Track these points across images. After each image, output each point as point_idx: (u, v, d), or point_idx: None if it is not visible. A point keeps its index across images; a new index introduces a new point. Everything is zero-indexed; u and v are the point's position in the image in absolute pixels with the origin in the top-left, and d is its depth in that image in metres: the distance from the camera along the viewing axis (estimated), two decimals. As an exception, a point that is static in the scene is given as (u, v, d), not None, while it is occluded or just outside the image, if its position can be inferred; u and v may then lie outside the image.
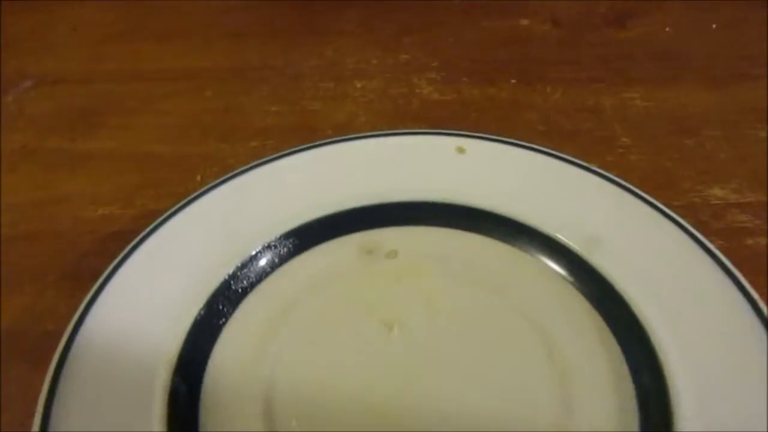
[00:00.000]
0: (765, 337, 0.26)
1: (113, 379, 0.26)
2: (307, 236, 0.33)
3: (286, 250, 0.33)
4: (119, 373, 0.27)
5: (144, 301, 0.29)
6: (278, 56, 0.51)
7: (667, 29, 0.53)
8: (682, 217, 0.32)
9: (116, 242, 0.33)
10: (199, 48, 0.53)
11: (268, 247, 0.32)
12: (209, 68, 0.50)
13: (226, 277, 0.31)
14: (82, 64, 0.52)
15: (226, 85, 0.48)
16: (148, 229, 0.32)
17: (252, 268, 0.32)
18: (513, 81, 0.47)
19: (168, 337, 0.28)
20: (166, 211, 0.33)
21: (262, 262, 0.32)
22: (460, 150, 0.36)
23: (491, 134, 0.37)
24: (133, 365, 0.27)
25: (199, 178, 0.40)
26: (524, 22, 0.54)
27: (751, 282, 0.29)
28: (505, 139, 0.36)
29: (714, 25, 0.53)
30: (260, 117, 0.45)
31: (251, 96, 0.47)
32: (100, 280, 0.29)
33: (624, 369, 0.28)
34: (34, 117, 0.47)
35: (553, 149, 0.36)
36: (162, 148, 0.43)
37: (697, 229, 0.32)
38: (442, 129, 0.37)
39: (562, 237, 0.32)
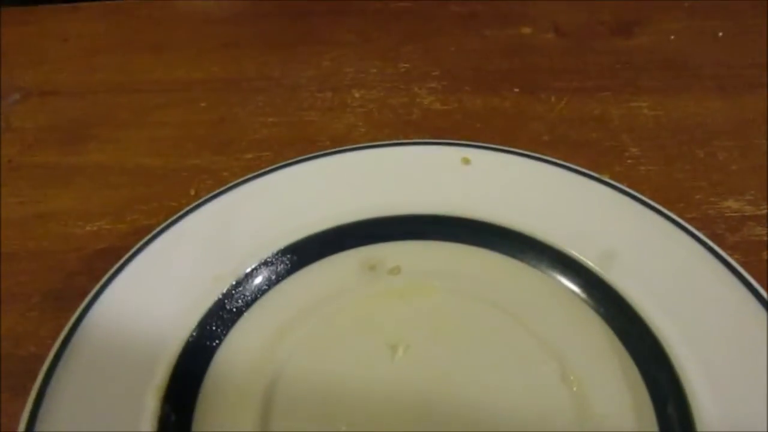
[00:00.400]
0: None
1: (98, 406, 0.25)
2: (306, 252, 0.31)
3: (283, 267, 0.31)
4: (105, 400, 0.25)
5: (132, 324, 0.27)
6: (275, 67, 0.50)
7: (672, 37, 0.52)
8: (696, 230, 0.31)
9: (105, 260, 0.31)
10: (194, 59, 0.51)
11: (265, 263, 0.31)
12: (204, 79, 0.49)
13: (220, 297, 0.29)
14: (73, 76, 0.51)
15: (221, 96, 0.47)
16: (137, 247, 0.30)
17: (247, 287, 0.30)
18: (516, 90, 0.46)
19: (157, 362, 0.26)
20: (157, 226, 0.32)
21: (258, 279, 0.30)
22: (465, 161, 0.34)
23: (497, 144, 0.35)
24: (120, 392, 0.25)
25: (193, 192, 0.39)
26: (526, 30, 0.53)
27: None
28: (511, 149, 0.35)
29: (720, 33, 0.52)
30: (256, 129, 0.44)
31: (247, 107, 0.46)
32: (86, 301, 0.28)
33: (642, 390, 0.26)
34: (21, 130, 0.45)
35: (561, 160, 0.35)
36: (154, 161, 0.42)
37: (713, 243, 0.30)
38: (446, 139, 0.36)
39: (574, 252, 0.30)
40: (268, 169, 0.34)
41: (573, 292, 0.30)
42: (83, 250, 0.36)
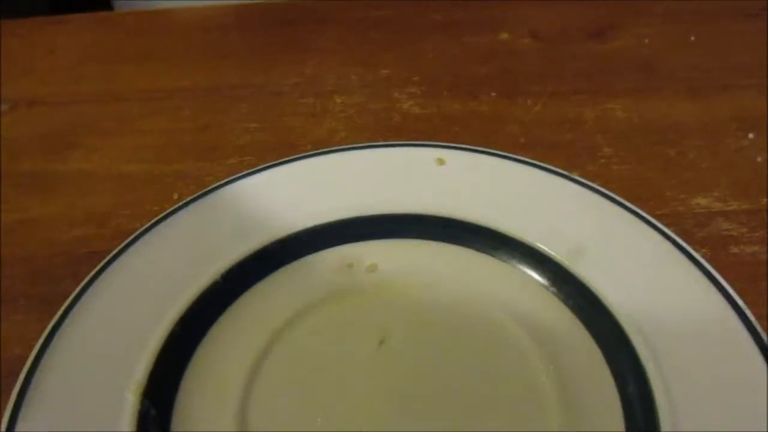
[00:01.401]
0: (751, 343, 0.26)
1: (79, 403, 0.25)
2: (284, 252, 0.32)
3: (262, 266, 0.32)
4: (86, 397, 0.26)
5: (114, 323, 0.28)
6: (257, 74, 0.51)
7: (646, 41, 0.53)
8: (666, 226, 0.32)
9: (90, 264, 0.32)
10: (177, 68, 0.52)
11: (243, 263, 0.31)
12: (187, 87, 0.50)
13: (200, 295, 0.30)
14: (59, 87, 0.52)
15: (204, 104, 0.48)
16: (118, 248, 0.31)
17: (227, 286, 0.31)
18: (494, 94, 0.47)
19: (138, 360, 0.27)
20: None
21: (238, 278, 0.31)
22: (440, 161, 0.35)
23: (472, 145, 0.36)
24: (101, 388, 0.26)
25: (176, 196, 0.39)
26: (504, 36, 0.54)
27: (737, 289, 0.29)
28: (485, 149, 0.36)
29: (692, 38, 0.53)
30: (239, 135, 0.44)
31: (230, 114, 0.47)
32: (68, 301, 0.28)
33: (609, 380, 0.27)
34: (8, 140, 0.46)
35: (535, 160, 0.36)
36: (138, 167, 0.42)
37: (682, 238, 0.31)
38: (422, 141, 0.37)
39: (544, 247, 0.31)
40: (247, 171, 0.35)
41: (543, 285, 0.31)
42: (68, 255, 0.36)
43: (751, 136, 0.43)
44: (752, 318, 0.27)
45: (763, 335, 0.26)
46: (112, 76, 0.52)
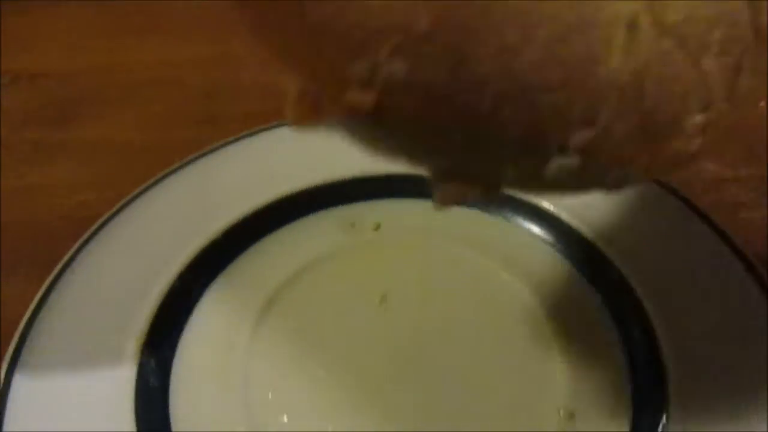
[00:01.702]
0: (757, 291, 0.25)
1: (77, 358, 0.25)
2: (286, 210, 0.32)
3: (262, 225, 0.31)
4: (83, 352, 0.25)
5: (113, 278, 0.28)
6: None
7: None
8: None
9: (90, 227, 0.32)
10: (182, 40, 0.52)
11: (245, 221, 0.31)
12: (191, 57, 0.49)
13: (200, 253, 0.29)
14: (62, 60, 0.51)
15: (208, 73, 0.47)
16: (115, 208, 0.31)
17: (226, 245, 0.30)
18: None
19: (138, 312, 0.27)
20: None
21: (237, 238, 0.31)
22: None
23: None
24: (101, 340, 0.26)
25: (178, 161, 0.39)
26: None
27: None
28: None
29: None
30: (243, 103, 0.44)
31: (234, 82, 0.46)
32: (65, 259, 0.28)
33: (614, 333, 0.27)
34: (10, 111, 0.46)
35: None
36: (141, 135, 0.42)
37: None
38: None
39: (548, 205, 0.31)
40: (249, 132, 0.34)
41: (547, 242, 0.30)
42: (69, 219, 0.36)
43: (762, 104, 0.42)
44: (762, 270, 0.26)
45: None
46: (115, 50, 0.52)
